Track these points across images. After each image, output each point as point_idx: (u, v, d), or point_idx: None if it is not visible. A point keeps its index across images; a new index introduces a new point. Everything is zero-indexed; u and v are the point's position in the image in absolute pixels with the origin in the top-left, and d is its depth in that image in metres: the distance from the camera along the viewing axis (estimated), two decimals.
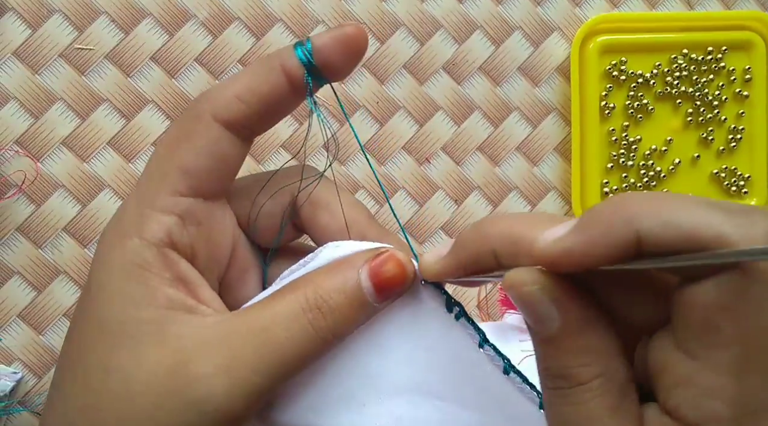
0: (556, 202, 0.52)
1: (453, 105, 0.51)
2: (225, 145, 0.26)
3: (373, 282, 0.25)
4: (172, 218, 0.26)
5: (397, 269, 0.26)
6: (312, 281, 0.25)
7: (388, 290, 0.26)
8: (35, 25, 0.47)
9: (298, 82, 0.26)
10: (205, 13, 0.49)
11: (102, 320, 0.25)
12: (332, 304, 0.25)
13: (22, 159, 0.47)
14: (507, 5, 0.51)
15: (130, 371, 0.24)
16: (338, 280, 0.25)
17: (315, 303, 0.25)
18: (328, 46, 0.26)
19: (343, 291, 0.25)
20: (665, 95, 0.51)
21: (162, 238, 0.25)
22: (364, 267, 0.26)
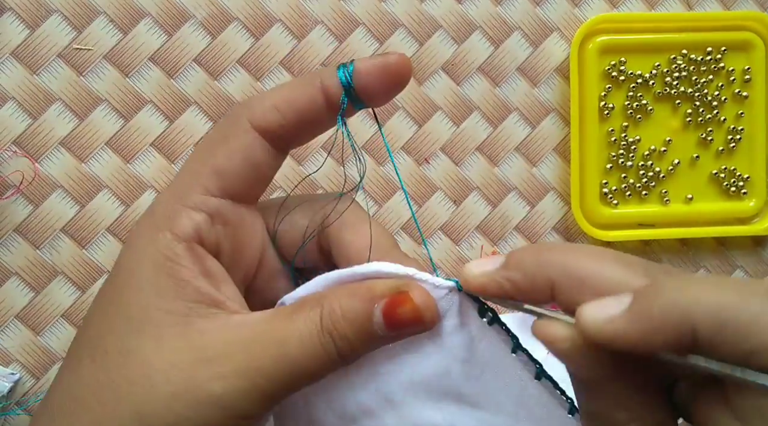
0: (555, 203, 0.52)
1: (452, 105, 0.51)
2: (258, 151, 0.27)
3: (385, 320, 0.26)
4: (202, 215, 0.27)
5: (412, 313, 0.26)
6: (330, 302, 0.26)
7: (400, 330, 0.26)
8: (34, 25, 0.47)
9: (334, 101, 0.27)
10: (204, 14, 0.49)
11: (128, 306, 0.26)
12: (342, 332, 0.25)
13: (20, 159, 0.47)
14: (506, 6, 0.51)
15: (150, 358, 0.25)
16: (352, 308, 0.26)
17: (327, 327, 0.25)
18: (369, 72, 0.26)
19: (354, 322, 0.25)
20: (664, 96, 0.51)
21: (191, 233, 0.26)
22: (381, 302, 0.26)
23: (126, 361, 0.25)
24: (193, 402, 0.24)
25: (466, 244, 0.50)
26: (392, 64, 0.26)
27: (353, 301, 0.26)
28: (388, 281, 0.26)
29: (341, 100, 0.26)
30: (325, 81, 0.27)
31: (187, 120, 0.48)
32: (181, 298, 0.26)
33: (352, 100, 0.27)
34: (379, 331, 0.26)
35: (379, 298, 0.26)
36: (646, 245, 0.52)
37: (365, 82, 0.26)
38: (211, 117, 0.49)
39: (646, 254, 0.52)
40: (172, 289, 0.26)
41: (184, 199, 0.27)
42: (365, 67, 0.26)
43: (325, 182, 0.49)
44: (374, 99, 0.27)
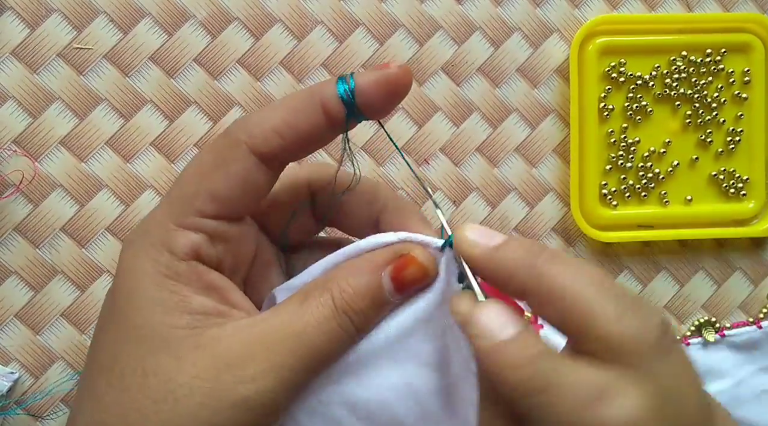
0: (555, 204, 0.52)
1: (452, 106, 0.51)
2: (258, 175, 0.27)
3: (394, 284, 0.27)
4: (201, 236, 0.27)
5: (419, 271, 0.27)
6: (337, 283, 0.27)
7: (408, 290, 0.27)
8: (34, 25, 0.47)
9: (336, 118, 0.27)
10: (204, 13, 0.49)
11: (135, 326, 0.26)
12: (357, 308, 0.26)
13: (20, 158, 0.47)
14: (506, 6, 0.51)
15: (170, 374, 0.25)
16: (362, 284, 0.27)
17: (342, 308, 0.26)
18: (370, 86, 0.26)
19: (367, 295, 0.27)
20: (664, 97, 0.51)
21: (189, 253, 0.27)
22: (387, 270, 0.27)
23: (146, 381, 0.25)
24: (220, 408, 0.25)
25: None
26: (393, 76, 0.26)
27: (361, 277, 0.27)
28: (385, 249, 0.28)
29: (345, 118, 0.26)
30: (326, 99, 0.26)
31: (186, 120, 0.48)
32: (187, 313, 0.26)
33: (353, 114, 0.27)
34: (390, 297, 0.27)
35: (383, 266, 0.27)
36: (646, 246, 0.52)
37: (367, 97, 0.26)
38: (211, 117, 0.49)
39: (645, 255, 0.52)
40: (177, 306, 0.26)
41: (181, 219, 0.27)
42: (366, 82, 0.26)
43: None
44: (376, 112, 0.27)
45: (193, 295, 0.26)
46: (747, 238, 0.53)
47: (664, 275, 0.52)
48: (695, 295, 0.53)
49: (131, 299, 0.26)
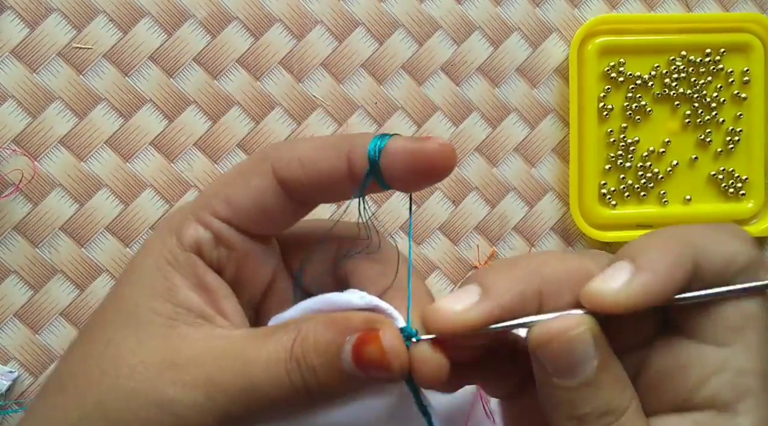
0: (554, 203, 0.52)
1: (451, 106, 0.51)
2: (271, 196, 0.26)
3: (353, 356, 0.24)
4: (207, 233, 0.27)
5: (377, 355, 0.23)
6: (303, 329, 0.25)
7: (365, 370, 0.24)
8: (33, 24, 0.47)
9: (355, 170, 0.25)
10: (204, 13, 0.49)
11: (123, 299, 0.26)
12: (309, 363, 0.24)
13: (19, 158, 0.47)
14: (506, 6, 0.51)
15: (126, 352, 0.25)
16: (324, 338, 0.24)
17: (296, 354, 0.24)
18: (399, 154, 0.25)
19: (323, 353, 0.24)
20: (663, 97, 0.51)
21: (193, 245, 0.27)
22: (353, 336, 0.24)
23: (105, 351, 0.25)
24: (149, 402, 0.24)
25: (464, 244, 0.50)
26: (428, 151, 0.24)
27: (327, 331, 0.24)
28: (368, 315, 0.25)
29: (365, 174, 0.25)
30: (353, 149, 0.25)
31: (186, 119, 0.48)
32: (171, 302, 0.26)
33: (375, 174, 0.25)
34: (347, 368, 0.24)
35: (353, 331, 0.24)
36: None
37: (391, 163, 0.25)
38: (211, 116, 0.49)
39: None
40: (165, 292, 0.26)
41: (197, 213, 0.27)
42: (396, 147, 0.25)
43: None
44: (399, 183, 0.25)
45: (184, 287, 0.26)
46: None
47: None
48: None
49: (131, 273, 0.27)
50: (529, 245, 0.51)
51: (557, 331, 0.22)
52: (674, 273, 0.23)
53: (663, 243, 0.24)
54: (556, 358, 0.23)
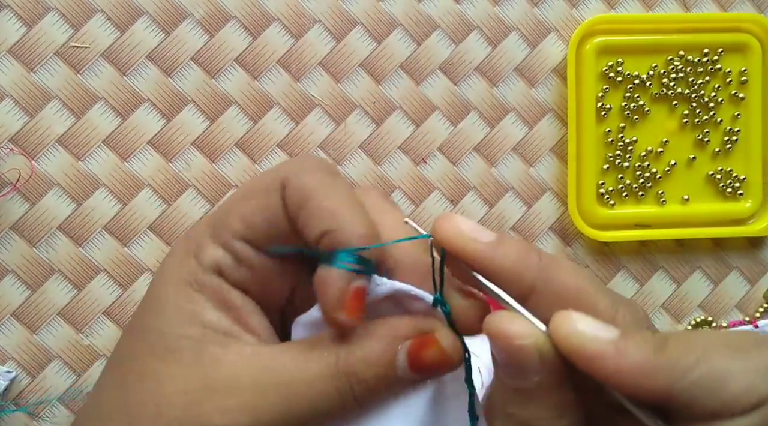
0: (552, 203, 0.52)
1: (449, 105, 0.51)
2: (280, 217, 0.26)
3: (410, 363, 0.24)
4: (227, 255, 0.26)
5: (439, 356, 0.24)
6: (348, 344, 0.25)
7: (425, 373, 0.25)
8: (31, 23, 0.47)
9: None
10: (202, 12, 0.48)
11: (148, 329, 0.26)
12: (361, 376, 0.24)
13: (16, 157, 0.47)
14: (504, 6, 0.51)
15: (162, 382, 0.25)
16: (373, 352, 0.24)
17: (345, 371, 0.24)
18: None
19: (375, 366, 0.24)
20: (661, 97, 0.51)
21: (214, 266, 0.26)
22: (405, 344, 0.24)
23: (141, 384, 0.25)
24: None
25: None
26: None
27: (374, 343, 0.24)
28: (412, 321, 0.25)
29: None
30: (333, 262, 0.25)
31: (184, 118, 0.48)
32: (197, 324, 0.25)
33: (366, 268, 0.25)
34: (402, 375, 0.24)
35: (403, 338, 0.24)
36: (643, 246, 0.52)
37: None
38: (209, 115, 0.49)
39: (642, 255, 0.52)
40: (191, 315, 0.25)
41: (215, 232, 0.26)
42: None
43: None
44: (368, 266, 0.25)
45: (208, 308, 0.26)
46: (744, 238, 0.53)
47: (661, 274, 0.52)
48: (692, 295, 0.53)
49: (153, 301, 0.26)
50: None
51: (509, 332, 0.22)
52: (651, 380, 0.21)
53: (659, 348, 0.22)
54: (500, 353, 0.23)
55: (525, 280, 0.24)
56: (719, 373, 0.21)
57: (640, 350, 0.21)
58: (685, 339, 0.22)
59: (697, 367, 0.21)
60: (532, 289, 0.24)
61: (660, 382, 0.21)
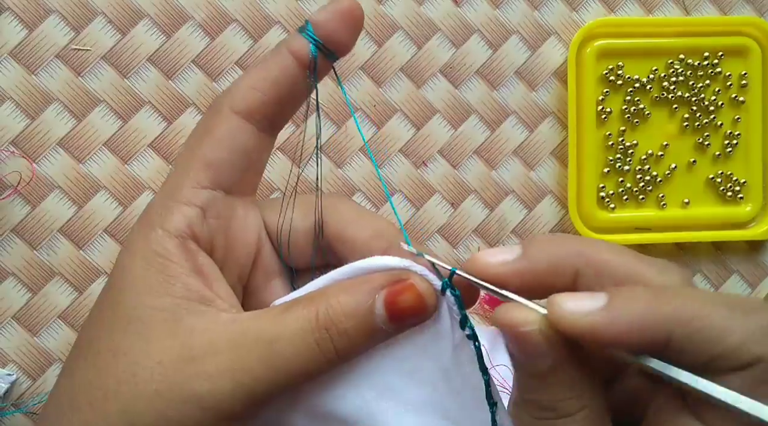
0: (553, 206, 0.52)
1: (450, 108, 0.51)
2: (244, 136, 0.27)
3: (387, 310, 0.25)
4: (194, 210, 0.26)
5: (415, 301, 0.25)
6: (326, 298, 0.25)
7: (402, 320, 0.25)
8: (32, 26, 0.47)
9: (304, 59, 0.27)
10: (203, 15, 0.49)
11: (118, 305, 0.26)
12: (341, 327, 0.25)
13: (17, 160, 0.47)
14: (504, 9, 0.51)
15: (138, 356, 0.25)
16: (351, 302, 0.25)
17: (324, 323, 0.25)
18: (326, 21, 0.27)
19: (354, 315, 0.25)
20: (662, 100, 0.51)
21: (183, 229, 0.26)
22: (381, 293, 0.25)
23: (116, 360, 0.25)
24: (175, 400, 0.24)
25: (463, 247, 0.51)
26: (345, 7, 0.27)
27: (352, 295, 0.25)
28: (384, 273, 0.26)
29: (310, 55, 0.27)
30: (291, 45, 0.27)
31: (185, 121, 0.48)
32: (169, 295, 0.25)
33: (324, 54, 0.27)
34: (381, 324, 0.25)
35: (379, 288, 0.25)
36: (643, 249, 0.52)
37: (329, 32, 0.27)
38: None
39: None
40: (161, 286, 0.25)
41: (176, 195, 0.26)
42: (323, 18, 0.27)
43: (324, 185, 0.49)
44: (342, 45, 0.27)
45: (179, 275, 0.26)
46: (744, 241, 0.53)
47: None
48: None
49: (121, 277, 0.26)
50: None
51: (513, 321, 0.23)
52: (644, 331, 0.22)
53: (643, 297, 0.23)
54: (512, 342, 0.23)
55: (564, 271, 0.24)
56: (718, 327, 0.21)
57: (632, 306, 0.22)
58: (685, 293, 0.22)
59: (697, 318, 0.21)
60: (575, 275, 0.24)
61: (658, 330, 0.21)
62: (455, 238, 0.51)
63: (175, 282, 0.25)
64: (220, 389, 0.24)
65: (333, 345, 0.25)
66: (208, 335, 0.25)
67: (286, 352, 0.24)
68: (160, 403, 0.24)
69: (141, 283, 0.26)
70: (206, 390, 0.24)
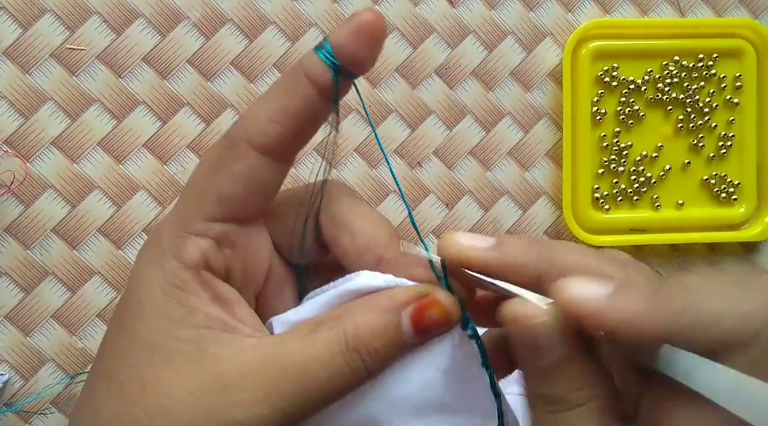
0: (547, 207, 0.52)
1: (445, 109, 0.51)
2: (262, 171, 0.26)
3: (414, 326, 0.25)
4: (208, 242, 0.26)
5: (441, 314, 0.25)
6: (351, 318, 0.25)
7: (428, 333, 0.26)
8: (26, 25, 0.47)
9: (326, 87, 0.25)
10: (198, 15, 0.48)
11: (140, 336, 0.26)
12: (371, 347, 0.25)
13: (11, 159, 0.47)
14: (500, 10, 0.51)
15: (168, 388, 0.25)
16: (379, 322, 0.25)
17: (354, 345, 0.25)
18: (348, 41, 0.25)
19: (383, 336, 0.25)
20: (656, 101, 0.51)
21: (198, 261, 0.26)
22: (407, 310, 0.25)
23: (144, 392, 0.25)
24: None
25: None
26: (365, 23, 0.25)
27: (378, 315, 0.25)
28: (407, 289, 0.26)
29: (333, 82, 0.25)
30: (310, 71, 0.25)
31: (179, 121, 0.48)
32: (192, 326, 0.25)
33: (342, 76, 0.26)
34: (408, 339, 0.25)
35: (405, 305, 0.25)
36: (638, 250, 0.52)
37: (349, 53, 0.25)
38: (204, 118, 0.49)
39: (637, 259, 0.52)
40: (183, 317, 0.25)
41: (189, 225, 0.26)
42: (343, 39, 0.25)
43: None
44: (363, 66, 0.26)
45: (199, 306, 0.25)
46: (738, 243, 0.53)
47: None
48: None
49: (139, 309, 0.26)
50: None
51: (522, 314, 0.23)
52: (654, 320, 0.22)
53: None
54: (519, 338, 0.24)
55: (531, 270, 0.24)
56: (713, 310, 0.21)
57: (634, 299, 0.22)
58: (681, 282, 0.22)
59: (692, 307, 0.21)
60: (539, 276, 0.24)
61: (656, 326, 0.21)
62: None
63: (196, 313, 0.25)
64: (258, 416, 0.24)
65: (364, 365, 0.25)
66: (236, 363, 0.25)
67: (319, 376, 0.25)
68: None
69: (161, 314, 0.25)
70: (244, 417, 0.24)
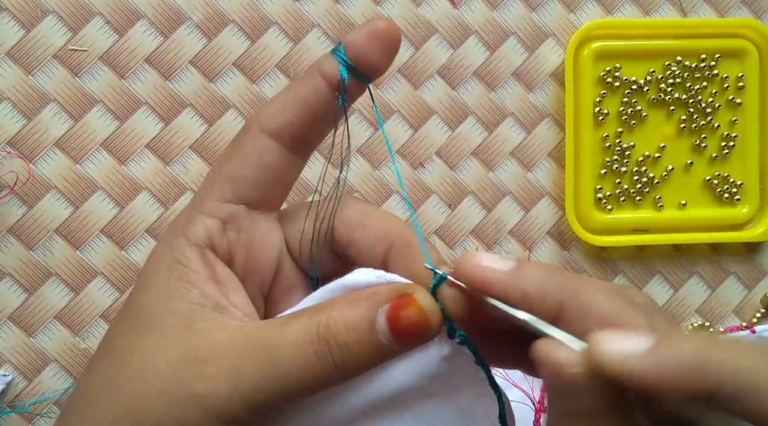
0: (550, 208, 0.52)
1: (447, 110, 0.51)
2: (271, 155, 0.27)
3: (389, 325, 0.24)
4: (215, 221, 0.27)
5: (418, 317, 0.24)
6: (329, 310, 0.25)
7: (405, 337, 0.24)
8: (29, 26, 0.47)
9: (335, 80, 0.26)
10: (200, 16, 0.49)
11: (139, 308, 0.27)
12: (341, 340, 0.24)
13: (14, 160, 0.47)
14: (502, 11, 0.51)
15: (149, 356, 0.25)
16: (353, 315, 0.24)
17: (324, 335, 0.24)
18: (362, 43, 0.26)
19: (355, 329, 0.24)
20: (659, 102, 0.51)
21: (203, 239, 0.27)
22: (384, 307, 0.24)
23: (130, 359, 0.26)
24: (176, 400, 0.24)
25: (460, 249, 0.51)
26: (381, 28, 0.26)
27: (357, 307, 0.24)
28: (393, 285, 0.25)
29: (341, 77, 0.26)
30: (323, 66, 0.26)
31: (182, 122, 0.48)
32: (186, 300, 0.26)
33: (355, 77, 0.26)
34: (384, 340, 0.24)
35: (383, 302, 0.24)
36: (640, 251, 0.52)
37: (362, 54, 0.26)
38: (207, 119, 0.49)
39: (639, 259, 0.52)
40: (180, 292, 0.26)
41: (200, 206, 0.27)
42: (357, 40, 0.26)
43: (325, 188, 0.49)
44: (376, 69, 0.27)
45: (197, 282, 0.26)
46: (741, 243, 0.53)
47: (658, 279, 0.53)
48: (689, 300, 0.53)
49: (144, 283, 0.27)
50: (524, 249, 0.51)
51: (558, 360, 0.22)
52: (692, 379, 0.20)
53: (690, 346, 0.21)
54: (551, 379, 0.23)
55: (551, 301, 0.23)
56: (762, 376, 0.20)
57: (681, 351, 0.21)
58: (736, 343, 0.21)
59: (750, 370, 0.20)
60: (560, 309, 0.23)
61: (707, 378, 0.20)
62: (452, 239, 0.51)
63: (192, 288, 0.26)
64: (220, 391, 0.24)
65: (332, 358, 0.24)
66: (214, 339, 0.25)
67: (284, 361, 0.24)
68: (163, 401, 0.24)
69: (162, 287, 0.26)
70: (206, 391, 0.24)
